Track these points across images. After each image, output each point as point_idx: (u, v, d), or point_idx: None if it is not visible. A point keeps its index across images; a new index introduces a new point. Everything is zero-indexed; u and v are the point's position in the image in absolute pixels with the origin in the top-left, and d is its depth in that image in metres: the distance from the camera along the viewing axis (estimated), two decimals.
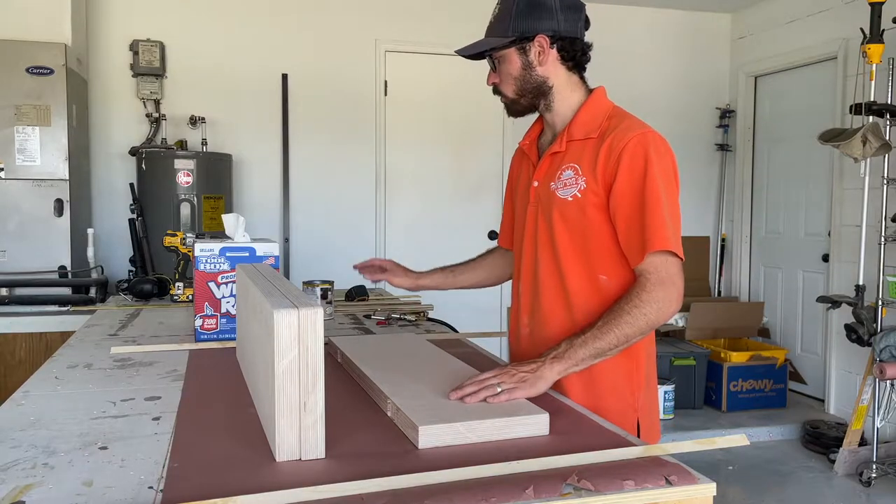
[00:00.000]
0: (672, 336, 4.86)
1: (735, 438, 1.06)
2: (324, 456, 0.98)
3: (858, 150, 3.55)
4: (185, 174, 3.88)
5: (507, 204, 1.73)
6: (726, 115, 5.31)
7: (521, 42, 1.42)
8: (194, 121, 4.27)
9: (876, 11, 3.58)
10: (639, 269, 1.33)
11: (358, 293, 2.68)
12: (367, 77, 4.70)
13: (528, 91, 1.47)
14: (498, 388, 1.19)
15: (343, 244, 4.70)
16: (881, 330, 3.55)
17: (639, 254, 1.32)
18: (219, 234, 2.13)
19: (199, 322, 1.78)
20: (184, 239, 2.65)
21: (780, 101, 5.02)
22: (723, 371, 4.41)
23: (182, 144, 4.26)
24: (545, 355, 1.29)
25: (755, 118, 5.22)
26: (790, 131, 4.90)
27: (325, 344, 1.25)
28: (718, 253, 5.40)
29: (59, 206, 3.49)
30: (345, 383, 1.40)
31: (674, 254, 1.31)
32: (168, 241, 2.66)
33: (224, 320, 1.79)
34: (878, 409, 3.62)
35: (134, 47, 4.22)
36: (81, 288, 3.35)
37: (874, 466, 3.56)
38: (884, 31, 3.60)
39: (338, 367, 1.54)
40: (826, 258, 4.52)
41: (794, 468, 3.80)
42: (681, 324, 4.79)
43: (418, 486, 0.87)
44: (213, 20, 4.44)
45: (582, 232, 1.40)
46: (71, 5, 3.66)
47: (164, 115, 4.24)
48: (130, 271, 3.65)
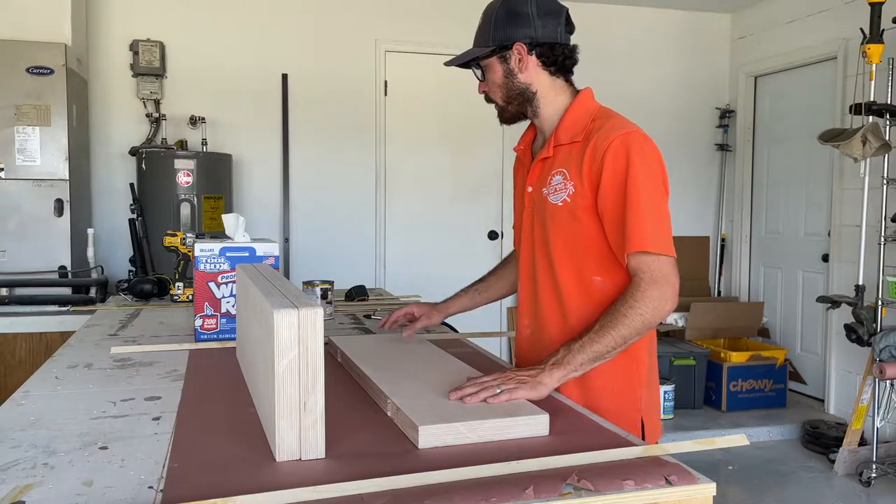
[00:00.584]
0: (672, 336, 4.86)
1: (735, 438, 1.06)
2: (324, 456, 0.98)
3: (858, 150, 3.55)
4: (185, 174, 3.88)
5: (516, 203, 1.73)
6: (726, 115, 5.31)
7: (500, 51, 1.46)
8: (194, 121, 4.28)
9: (876, 11, 3.58)
10: (632, 270, 1.33)
11: (358, 293, 2.68)
12: (367, 77, 4.70)
13: (514, 98, 1.50)
14: (497, 390, 1.20)
15: (343, 244, 4.70)
16: (881, 330, 3.55)
17: (624, 253, 1.33)
18: (219, 234, 2.13)
19: (199, 322, 1.78)
20: (184, 239, 2.65)
21: (780, 101, 5.02)
22: (723, 371, 4.41)
23: (182, 144, 4.26)
24: (545, 362, 1.30)
25: (755, 118, 5.22)
26: (790, 131, 4.90)
27: (325, 344, 1.25)
28: (718, 253, 5.40)
29: (59, 206, 3.49)
30: (345, 383, 1.40)
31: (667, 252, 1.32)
32: (168, 241, 2.66)
33: (224, 320, 1.79)
34: (878, 408, 3.62)
35: (134, 47, 4.22)
36: (81, 288, 3.35)
37: (874, 466, 3.56)
38: (884, 31, 3.60)
39: (338, 367, 1.54)
40: (826, 258, 4.52)
41: (794, 468, 3.80)
42: (681, 324, 4.79)
43: (418, 486, 0.87)
44: (213, 20, 4.44)
45: (574, 236, 1.42)
46: (71, 5, 3.66)
47: (164, 115, 4.24)
48: (130, 271, 3.65)
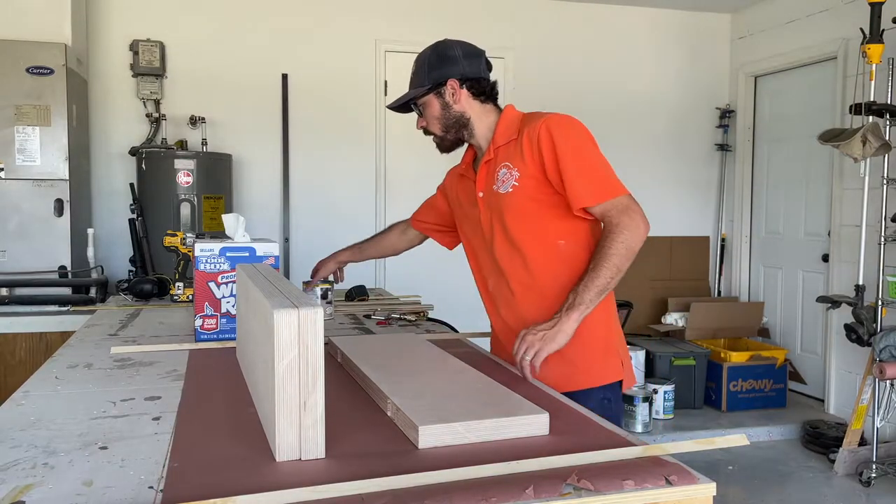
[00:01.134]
0: (672, 336, 4.86)
1: (735, 438, 1.06)
2: (324, 456, 0.98)
3: (858, 150, 3.55)
4: (185, 174, 3.88)
5: (437, 198, 2.05)
6: (726, 115, 5.31)
7: (436, 87, 1.72)
8: (194, 121, 4.28)
9: (876, 11, 3.58)
10: (599, 216, 1.57)
11: (358, 293, 2.68)
12: (367, 77, 4.70)
13: (451, 126, 1.75)
14: (527, 358, 1.44)
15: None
16: (881, 330, 3.55)
17: (591, 200, 1.55)
18: (219, 234, 2.13)
19: (199, 322, 1.78)
20: (184, 239, 2.65)
21: (780, 101, 5.02)
22: (723, 371, 4.41)
23: (182, 144, 4.26)
24: (559, 312, 1.50)
25: (755, 118, 5.22)
26: (790, 131, 4.90)
27: (325, 344, 1.25)
28: (718, 253, 5.40)
29: (59, 206, 3.49)
30: (345, 383, 1.40)
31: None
32: (168, 241, 2.66)
33: (224, 320, 1.79)
34: (878, 408, 3.62)
35: (134, 47, 4.22)
36: (81, 288, 3.35)
37: (874, 466, 3.56)
38: (884, 31, 3.60)
39: (338, 367, 1.54)
40: (826, 258, 4.52)
41: (794, 468, 3.80)
42: (681, 324, 4.79)
43: (418, 486, 0.87)
44: (213, 20, 4.44)
45: (529, 213, 1.63)
46: (71, 5, 3.66)
47: (164, 115, 4.24)
48: (130, 271, 3.65)
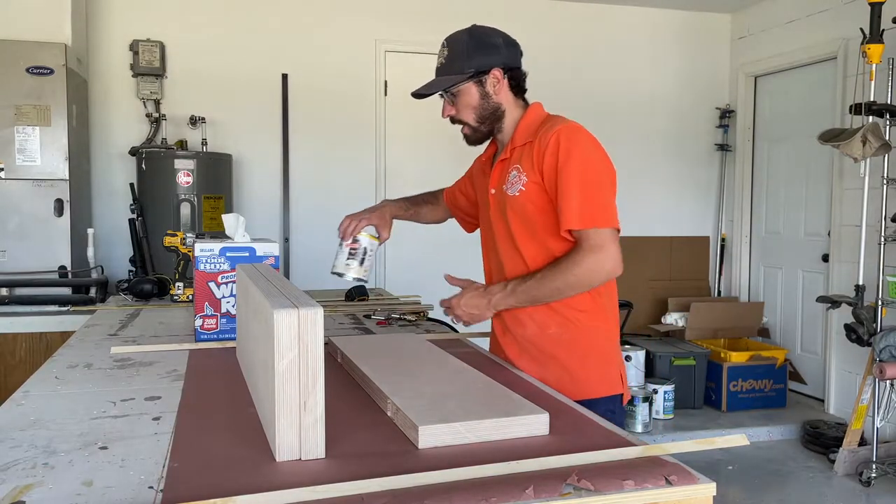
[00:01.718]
0: (672, 336, 4.86)
1: (735, 438, 1.06)
2: (324, 456, 0.98)
3: (858, 150, 3.55)
4: (185, 174, 3.88)
5: (465, 182, 2.01)
6: (726, 115, 5.31)
7: (478, 75, 1.65)
8: (194, 121, 4.28)
9: (876, 11, 3.58)
10: (575, 238, 1.56)
11: (358, 293, 2.68)
12: (367, 77, 4.70)
13: (487, 117, 1.69)
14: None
15: None
16: (881, 330, 3.55)
17: (572, 224, 1.54)
18: (219, 234, 2.13)
19: (199, 322, 1.78)
20: (184, 239, 2.65)
21: (780, 101, 5.02)
22: (723, 371, 4.41)
23: (182, 144, 4.26)
24: (488, 295, 1.63)
25: (755, 118, 5.22)
26: (790, 131, 4.90)
27: (325, 344, 1.25)
28: (718, 253, 5.40)
29: (59, 206, 3.49)
30: (345, 383, 1.40)
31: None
32: (168, 241, 2.66)
33: (224, 320, 1.79)
34: (878, 408, 3.62)
35: (134, 47, 4.22)
36: (81, 288, 3.35)
37: (874, 466, 3.56)
38: (884, 31, 3.60)
39: (338, 367, 1.54)
40: (826, 258, 4.52)
41: (794, 468, 3.80)
42: (681, 324, 4.79)
43: (418, 486, 0.87)
44: (213, 20, 4.44)
45: (531, 218, 1.62)
46: (71, 5, 3.66)
47: (164, 115, 4.24)
48: (130, 271, 3.65)
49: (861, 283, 3.73)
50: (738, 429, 4.11)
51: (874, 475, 3.54)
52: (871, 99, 3.64)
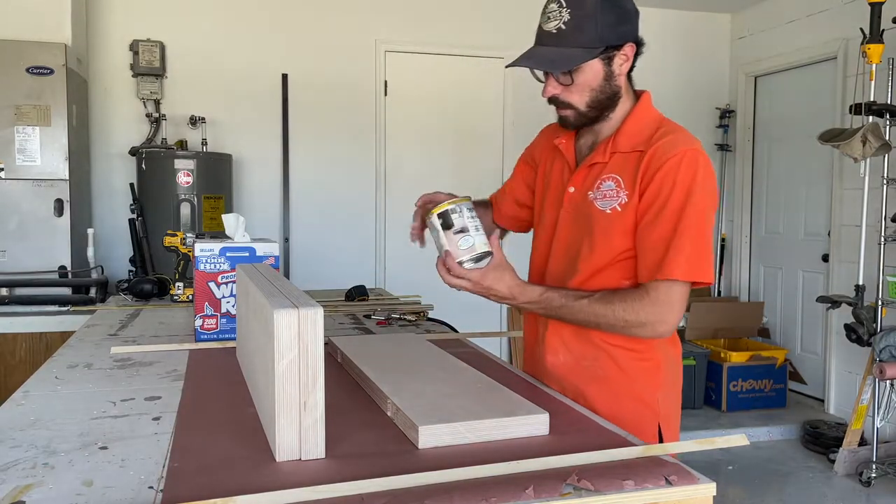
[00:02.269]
0: None
1: (735, 438, 1.06)
2: (324, 456, 0.98)
3: (858, 150, 3.55)
4: (185, 174, 3.88)
5: (517, 182, 1.65)
6: (726, 115, 5.31)
7: (608, 51, 1.33)
8: (194, 121, 4.28)
9: (876, 11, 3.58)
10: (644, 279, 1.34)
11: (358, 293, 2.68)
12: (367, 77, 4.70)
13: (603, 102, 1.38)
14: (455, 282, 1.33)
15: (343, 244, 4.70)
16: (881, 330, 3.55)
17: (649, 273, 1.32)
18: (219, 234, 2.13)
19: (199, 322, 1.78)
20: (184, 239, 2.65)
21: (780, 101, 5.02)
22: (723, 371, 4.41)
23: (182, 144, 4.26)
24: (524, 293, 1.36)
25: (755, 118, 5.22)
26: (790, 131, 4.90)
27: (325, 344, 1.25)
28: (718, 253, 5.40)
29: (59, 206, 3.49)
30: (345, 383, 1.40)
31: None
32: (168, 241, 2.66)
33: (224, 320, 1.79)
34: (878, 408, 3.62)
35: (134, 47, 4.22)
36: (81, 288, 3.35)
37: (874, 466, 3.56)
38: (884, 31, 3.60)
39: (338, 367, 1.54)
40: (826, 258, 4.52)
41: (794, 468, 3.80)
42: (681, 324, 4.79)
43: (418, 486, 0.87)
44: (213, 20, 4.44)
45: (613, 244, 1.36)
46: (71, 5, 3.66)
47: (164, 115, 4.24)
48: (130, 271, 3.65)
49: (861, 283, 3.73)
50: (738, 429, 4.11)
51: (874, 475, 3.54)
52: (871, 99, 3.64)
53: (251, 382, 1.29)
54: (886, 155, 3.65)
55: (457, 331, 2.12)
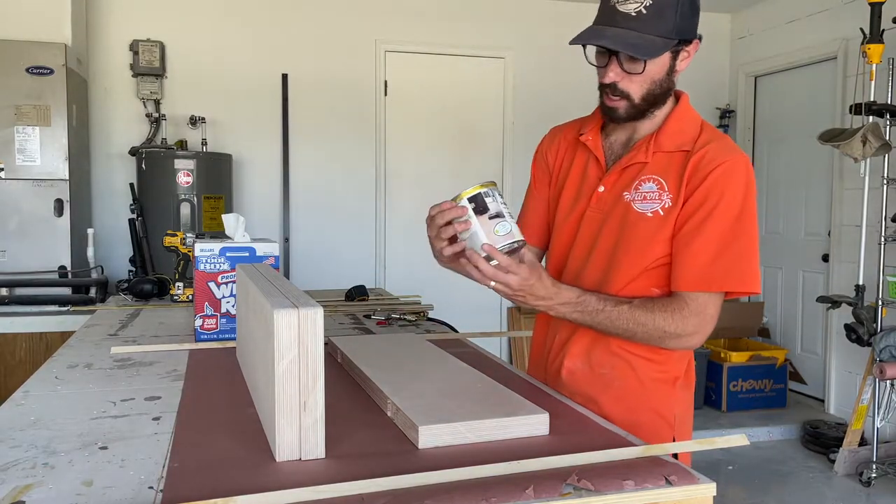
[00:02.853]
0: None
1: (735, 438, 1.06)
2: (324, 456, 0.97)
3: (858, 150, 3.55)
4: (185, 174, 3.88)
5: (534, 201, 1.53)
6: (726, 115, 5.31)
7: (680, 45, 1.29)
8: (194, 121, 4.28)
9: (876, 11, 3.58)
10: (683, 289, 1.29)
11: (358, 293, 2.68)
12: (367, 77, 4.70)
13: (657, 97, 1.31)
14: (494, 284, 1.20)
15: (343, 244, 4.70)
16: (881, 330, 3.55)
17: (688, 283, 1.27)
18: (219, 234, 2.13)
19: (199, 322, 1.78)
20: (184, 239, 2.65)
21: (780, 101, 5.02)
22: (723, 371, 4.41)
23: (182, 144, 4.26)
24: (559, 295, 1.26)
25: (755, 118, 5.22)
26: (790, 131, 4.90)
27: (325, 344, 1.25)
28: None
29: (59, 206, 3.49)
30: (345, 383, 1.40)
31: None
32: (168, 241, 2.66)
33: (224, 320, 1.79)
34: (878, 409, 3.62)
35: (134, 47, 4.22)
36: (81, 288, 3.35)
37: (874, 466, 3.56)
38: (884, 31, 3.60)
39: (338, 367, 1.54)
40: (826, 258, 4.52)
41: (794, 468, 3.80)
42: None
43: (418, 486, 0.87)
44: (213, 20, 4.44)
45: (652, 245, 1.30)
46: (71, 5, 3.66)
47: (164, 115, 4.25)
48: (130, 271, 3.65)
49: (861, 283, 3.73)
50: (738, 429, 4.11)
51: (874, 475, 3.54)
52: (871, 99, 3.64)
53: (251, 382, 1.29)
54: (886, 155, 3.65)
55: (457, 331, 2.12)
